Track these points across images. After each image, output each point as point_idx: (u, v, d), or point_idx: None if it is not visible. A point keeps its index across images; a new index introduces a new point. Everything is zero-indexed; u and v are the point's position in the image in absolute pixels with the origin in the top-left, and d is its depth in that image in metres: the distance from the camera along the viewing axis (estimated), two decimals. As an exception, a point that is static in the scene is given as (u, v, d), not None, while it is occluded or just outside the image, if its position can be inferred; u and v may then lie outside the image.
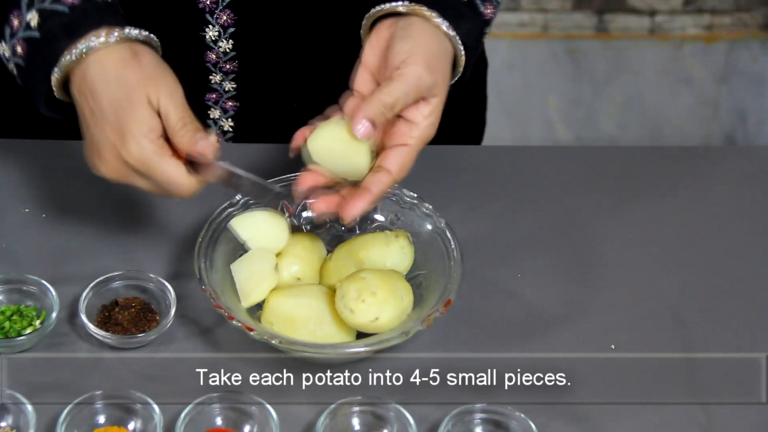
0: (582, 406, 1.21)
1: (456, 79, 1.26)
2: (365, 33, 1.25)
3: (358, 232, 1.33)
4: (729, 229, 1.40)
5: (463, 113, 1.60)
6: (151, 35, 1.21)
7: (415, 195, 1.32)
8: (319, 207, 1.20)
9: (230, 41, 1.38)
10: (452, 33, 1.22)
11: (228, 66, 1.40)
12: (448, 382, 1.23)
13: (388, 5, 1.22)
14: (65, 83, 1.20)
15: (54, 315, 1.23)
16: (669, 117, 2.96)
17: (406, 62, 1.18)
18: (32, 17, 1.19)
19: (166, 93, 1.17)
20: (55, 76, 1.19)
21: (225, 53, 1.39)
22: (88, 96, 1.17)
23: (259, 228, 1.26)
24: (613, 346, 1.27)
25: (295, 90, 1.46)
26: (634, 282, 1.34)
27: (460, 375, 1.24)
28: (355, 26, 1.40)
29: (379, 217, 1.33)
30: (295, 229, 1.33)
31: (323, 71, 1.44)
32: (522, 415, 1.17)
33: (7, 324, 1.24)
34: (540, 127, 2.94)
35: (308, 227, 1.34)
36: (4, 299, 1.27)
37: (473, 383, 1.23)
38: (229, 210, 1.29)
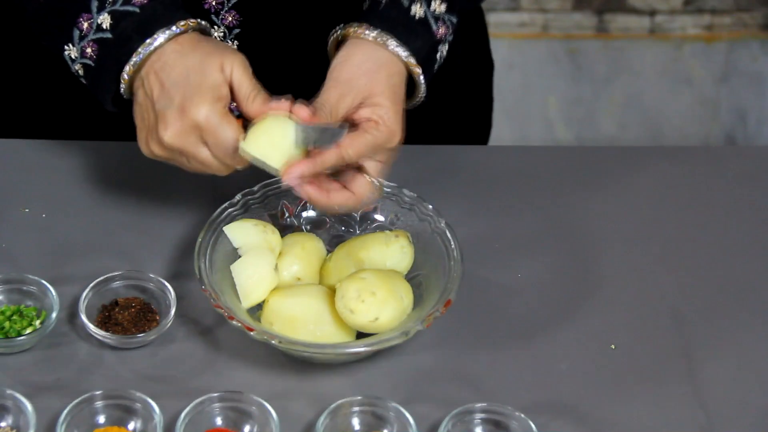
0: (582, 406, 1.21)
1: (420, 97, 1.30)
2: (330, 55, 1.30)
3: (358, 231, 1.34)
4: (729, 229, 1.40)
5: (469, 114, 1.60)
6: (205, 23, 1.26)
7: (415, 195, 1.32)
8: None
9: (235, 42, 1.38)
10: (401, 51, 1.26)
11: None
12: (448, 382, 1.23)
13: (338, 31, 1.29)
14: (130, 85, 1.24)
15: (54, 315, 1.23)
16: (669, 117, 2.96)
17: (328, 77, 1.25)
18: (104, 19, 1.23)
19: (239, 64, 1.22)
20: (127, 73, 1.22)
21: None
22: (160, 72, 1.21)
23: (251, 236, 1.27)
24: (613, 346, 1.27)
25: (298, 90, 1.46)
26: (634, 282, 1.34)
27: (460, 375, 1.24)
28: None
29: (379, 217, 1.33)
30: (295, 229, 1.33)
31: (327, 71, 1.44)
32: (522, 415, 1.17)
33: (7, 324, 1.24)
34: (540, 127, 2.94)
35: (308, 227, 1.34)
36: (4, 299, 1.27)
37: (473, 383, 1.23)
38: (229, 210, 1.29)
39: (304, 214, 1.34)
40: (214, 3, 1.36)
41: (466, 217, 1.38)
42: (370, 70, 1.24)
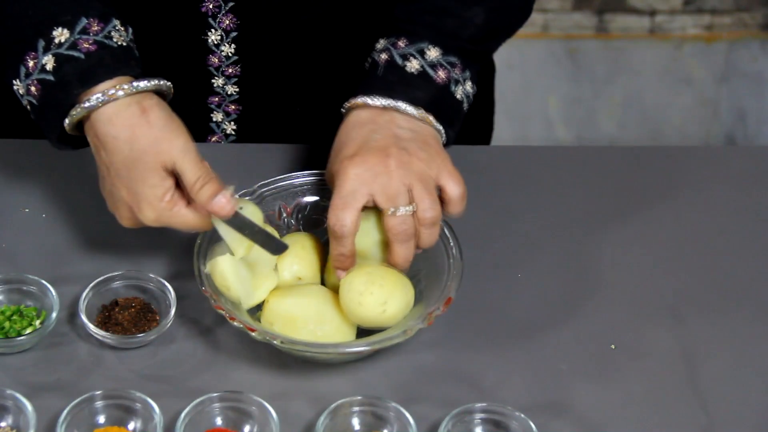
0: (582, 406, 1.21)
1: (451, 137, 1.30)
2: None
3: (357, 232, 1.34)
4: (729, 229, 1.40)
5: (471, 116, 1.60)
6: (162, 82, 1.22)
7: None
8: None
9: (232, 45, 1.38)
10: (411, 110, 1.26)
11: (230, 70, 1.40)
12: (448, 382, 1.23)
13: (346, 106, 1.28)
14: (79, 123, 1.22)
15: (54, 315, 1.23)
16: (669, 117, 2.96)
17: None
18: (48, 61, 1.21)
19: (179, 152, 1.18)
20: (68, 121, 1.21)
21: (227, 57, 1.39)
22: (102, 151, 1.21)
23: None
24: (613, 346, 1.27)
25: (297, 94, 1.46)
26: (634, 282, 1.34)
27: (460, 375, 1.24)
28: (356, 31, 1.41)
29: (379, 217, 1.33)
30: (292, 229, 1.33)
31: (325, 75, 1.44)
32: (522, 415, 1.17)
33: (7, 324, 1.24)
34: (540, 127, 2.94)
35: (306, 227, 1.34)
36: (4, 299, 1.27)
37: (473, 383, 1.23)
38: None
39: (302, 214, 1.34)
40: (211, 6, 1.36)
41: (466, 217, 1.38)
42: (347, 154, 1.24)
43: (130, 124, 1.19)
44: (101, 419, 1.17)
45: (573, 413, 1.21)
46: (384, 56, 1.29)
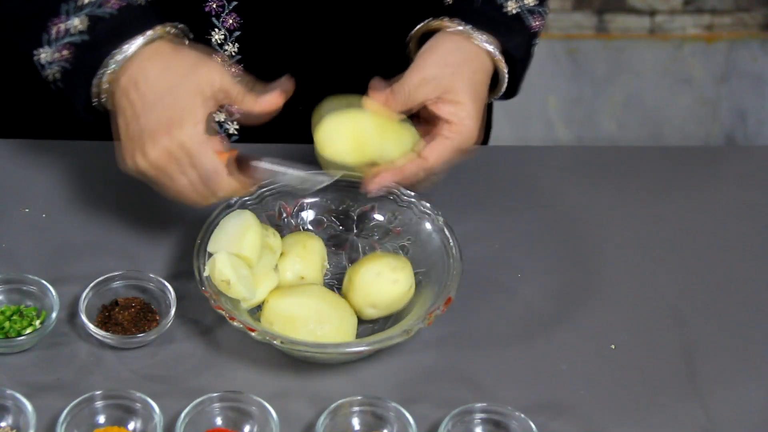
0: (582, 406, 1.21)
1: (502, 91, 1.32)
2: (411, 52, 1.31)
3: (355, 231, 1.34)
4: (729, 229, 1.40)
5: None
6: (182, 25, 1.25)
7: (414, 194, 1.32)
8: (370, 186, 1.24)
9: (236, 44, 1.38)
10: (490, 48, 1.27)
11: (233, 69, 1.40)
12: (448, 382, 1.23)
13: (425, 22, 1.30)
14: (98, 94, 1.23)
15: (54, 315, 1.23)
16: (669, 117, 2.96)
17: (414, 63, 1.25)
18: (79, 22, 1.22)
19: (218, 73, 1.20)
20: (99, 79, 1.21)
21: (231, 56, 1.39)
22: (134, 90, 1.20)
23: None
24: (613, 346, 1.27)
25: (299, 93, 1.46)
26: (634, 282, 1.34)
27: (460, 375, 1.24)
28: (360, 30, 1.41)
29: (378, 217, 1.33)
30: (292, 230, 1.33)
31: (328, 74, 1.44)
32: (522, 415, 1.17)
33: (7, 324, 1.24)
34: (540, 127, 2.94)
35: (306, 227, 1.34)
36: (4, 299, 1.27)
37: (473, 383, 1.23)
38: (227, 211, 1.29)
39: (302, 214, 1.34)
40: (214, 6, 1.36)
41: (467, 217, 1.38)
42: (455, 63, 1.25)
43: (165, 58, 1.20)
44: (101, 419, 1.17)
45: (573, 413, 1.21)
46: None
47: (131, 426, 1.17)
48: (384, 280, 1.24)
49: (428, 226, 1.30)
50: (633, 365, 1.26)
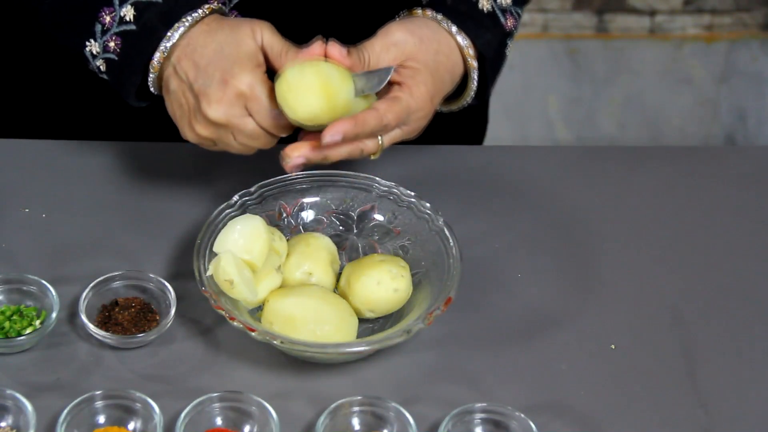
0: (582, 406, 1.21)
1: (470, 97, 1.31)
2: None
3: (356, 230, 1.34)
4: (729, 229, 1.40)
5: (465, 115, 1.60)
6: (225, 8, 1.27)
7: (414, 194, 1.32)
8: (291, 153, 1.22)
9: None
10: (461, 39, 1.27)
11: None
12: (448, 382, 1.23)
13: (403, 12, 1.30)
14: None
15: (54, 315, 1.23)
16: (669, 117, 2.96)
17: (383, 27, 1.25)
18: (127, 11, 1.23)
19: (267, 28, 1.22)
20: (157, 61, 1.22)
21: None
22: (193, 55, 1.21)
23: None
24: (613, 346, 1.27)
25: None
26: (634, 282, 1.34)
27: (460, 375, 1.24)
28: (359, 30, 1.40)
29: (378, 217, 1.33)
30: (293, 230, 1.33)
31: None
32: (522, 415, 1.17)
33: (7, 324, 1.24)
34: (540, 127, 2.94)
35: (306, 227, 1.34)
36: (4, 299, 1.27)
37: (473, 383, 1.23)
38: (227, 211, 1.29)
39: (302, 214, 1.34)
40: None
41: (466, 217, 1.38)
42: (423, 36, 1.25)
43: (210, 28, 1.22)
44: (101, 419, 1.17)
45: (573, 413, 1.21)
46: None
47: (131, 426, 1.17)
48: (384, 289, 1.25)
49: (428, 226, 1.30)
50: (633, 365, 1.26)
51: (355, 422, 1.18)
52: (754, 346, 1.28)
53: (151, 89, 1.25)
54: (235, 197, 1.30)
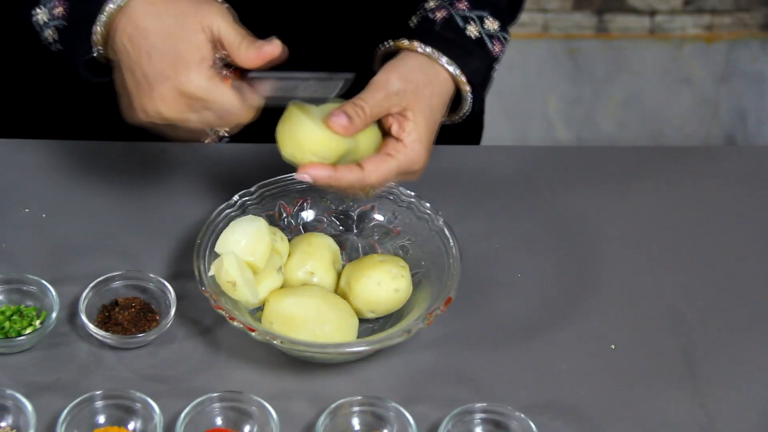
0: (582, 406, 1.21)
1: (465, 113, 1.30)
2: (375, 68, 1.30)
3: (356, 231, 1.34)
4: (729, 229, 1.40)
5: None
6: None
7: (413, 194, 1.32)
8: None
9: None
10: (452, 69, 1.27)
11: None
12: (448, 382, 1.23)
13: (390, 43, 1.29)
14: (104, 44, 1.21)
15: (54, 315, 1.23)
16: (669, 117, 2.96)
17: (376, 76, 1.24)
18: None
19: (219, 16, 1.18)
20: (99, 29, 1.19)
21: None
22: (137, 37, 1.18)
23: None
24: (613, 346, 1.27)
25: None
26: (634, 282, 1.34)
27: (460, 375, 1.24)
28: (355, 30, 1.40)
29: (378, 217, 1.33)
30: (293, 230, 1.33)
31: (321, 69, 1.44)
32: (522, 415, 1.17)
33: (7, 324, 1.24)
34: (540, 127, 2.94)
35: (306, 227, 1.34)
36: (4, 299, 1.27)
37: (473, 383, 1.23)
38: (227, 211, 1.29)
39: (302, 214, 1.34)
40: None
41: (466, 217, 1.38)
42: (418, 82, 1.24)
43: (152, 18, 1.18)
44: (101, 419, 1.17)
45: (573, 413, 1.21)
46: (441, 14, 1.28)
47: (131, 426, 1.17)
48: (385, 289, 1.25)
49: (428, 226, 1.30)
50: (633, 365, 1.25)
51: (355, 422, 1.18)
52: (754, 346, 1.28)
53: (99, 58, 1.22)
54: (235, 197, 1.30)
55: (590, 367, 1.25)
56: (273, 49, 1.18)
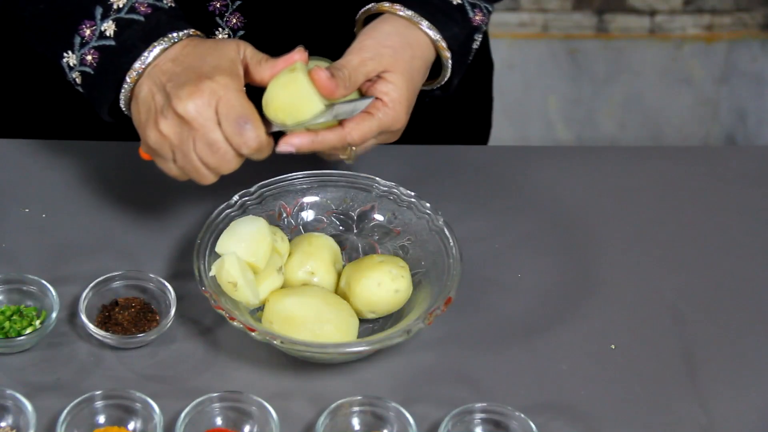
0: (582, 406, 1.21)
1: (445, 80, 1.30)
2: (357, 31, 1.31)
3: (355, 230, 1.34)
4: (729, 229, 1.40)
5: (469, 115, 1.60)
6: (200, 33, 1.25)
7: (413, 194, 1.32)
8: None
9: None
10: (432, 34, 1.27)
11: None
12: (448, 382, 1.23)
13: (372, 5, 1.28)
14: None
15: (54, 315, 1.23)
16: (669, 117, 2.96)
17: (353, 44, 1.25)
18: (108, 27, 1.22)
19: (250, 45, 1.21)
20: (130, 78, 1.20)
21: None
22: (171, 63, 1.19)
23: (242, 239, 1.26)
24: (613, 346, 1.27)
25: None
26: (634, 282, 1.34)
27: (460, 375, 1.24)
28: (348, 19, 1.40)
29: (378, 217, 1.33)
30: (293, 230, 1.33)
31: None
32: (522, 415, 1.17)
33: (7, 324, 1.24)
34: (540, 127, 2.94)
35: (306, 227, 1.34)
36: (4, 299, 1.27)
37: (473, 383, 1.23)
38: (227, 211, 1.29)
39: (302, 214, 1.34)
40: (218, 5, 1.36)
41: (467, 217, 1.38)
42: (396, 45, 1.25)
43: (194, 43, 1.20)
44: (101, 419, 1.17)
45: (573, 413, 1.21)
46: None
47: (131, 426, 1.17)
48: (385, 290, 1.25)
49: (428, 226, 1.30)
50: (633, 365, 1.25)
51: (355, 422, 1.18)
52: (754, 346, 1.28)
53: (122, 105, 1.23)
54: (235, 197, 1.30)
55: (590, 367, 1.25)
56: (294, 55, 1.20)
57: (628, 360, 1.26)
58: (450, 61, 1.29)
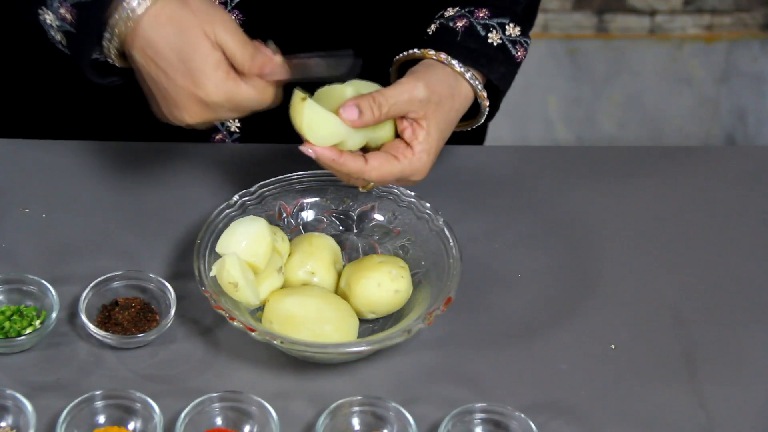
0: (582, 406, 1.21)
1: (478, 124, 1.33)
2: (392, 77, 1.32)
3: (355, 230, 1.34)
4: (729, 229, 1.40)
5: (466, 114, 1.60)
6: None
7: (413, 194, 1.32)
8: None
9: None
10: (476, 84, 1.28)
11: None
12: (448, 382, 1.23)
13: (408, 51, 1.29)
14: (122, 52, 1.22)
15: (54, 315, 1.23)
16: (669, 117, 2.96)
17: (405, 78, 1.24)
18: None
19: (221, 26, 1.19)
20: (107, 38, 1.20)
21: None
22: (150, 52, 1.19)
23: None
24: (613, 346, 1.27)
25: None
26: (634, 282, 1.34)
27: (460, 375, 1.24)
28: (363, 30, 1.41)
29: (378, 217, 1.33)
30: (293, 230, 1.33)
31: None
32: (522, 415, 1.17)
33: (7, 324, 1.24)
34: (540, 127, 2.94)
35: (306, 227, 1.34)
36: (4, 299, 1.27)
37: (473, 383, 1.23)
38: (227, 211, 1.29)
39: (302, 214, 1.34)
40: (217, 3, 1.35)
41: (466, 217, 1.38)
42: (440, 94, 1.25)
43: (173, 15, 1.19)
44: (101, 419, 1.17)
45: (573, 413, 1.21)
46: (461, 23, 1.29)
47: (131, 426, 1.17)
48: (385, 290, 1.25)
49: (428, 226, 1.30)
50: (633, 365, 1.26)
51: (355, 422, 1.18)
52: (754, 346, 1.28)
53: (101, 58, 1.22)
54: (235, 197, 1.30)
55: (590, 367, 1.25)
56: (272, 65, 1.20)
57: (628, 360, 1.26)
58: (488, 109, 1.30)
